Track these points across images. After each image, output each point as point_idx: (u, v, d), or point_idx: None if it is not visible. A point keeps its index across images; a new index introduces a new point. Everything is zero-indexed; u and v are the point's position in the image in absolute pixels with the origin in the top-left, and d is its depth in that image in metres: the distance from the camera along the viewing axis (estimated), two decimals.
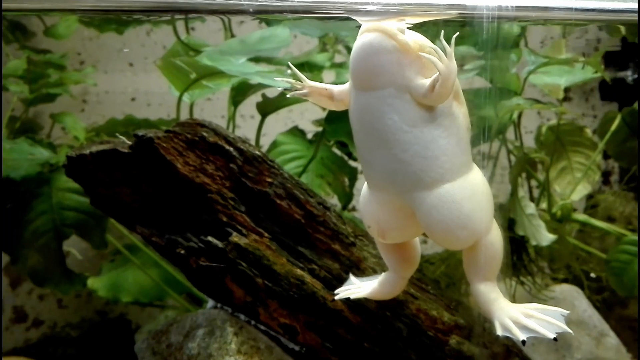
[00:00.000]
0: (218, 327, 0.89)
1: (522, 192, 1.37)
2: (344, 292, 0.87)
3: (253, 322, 0.92)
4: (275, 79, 0.75)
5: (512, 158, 1.47)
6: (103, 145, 0.94)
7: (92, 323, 1.69)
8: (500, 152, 1.38)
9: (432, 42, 0.69)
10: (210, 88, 1.24)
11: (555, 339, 0.71)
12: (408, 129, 0.68)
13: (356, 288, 0.87)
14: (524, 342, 0.71)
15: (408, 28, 0.68)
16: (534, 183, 1.56)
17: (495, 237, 0.73)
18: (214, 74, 1.13)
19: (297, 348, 0.92)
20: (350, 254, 0.94)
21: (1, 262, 1.55)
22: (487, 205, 0.72)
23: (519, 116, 1.46)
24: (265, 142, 1.47)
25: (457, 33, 0.65)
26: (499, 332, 0.72)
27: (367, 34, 0.67)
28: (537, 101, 1.23)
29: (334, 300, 0.87)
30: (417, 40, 0.68)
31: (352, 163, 1.46)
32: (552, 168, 1.52)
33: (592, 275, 1.41)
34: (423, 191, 0.70)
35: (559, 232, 1.34)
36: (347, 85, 0.73)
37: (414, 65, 0.67)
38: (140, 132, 0.91)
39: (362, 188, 0.77)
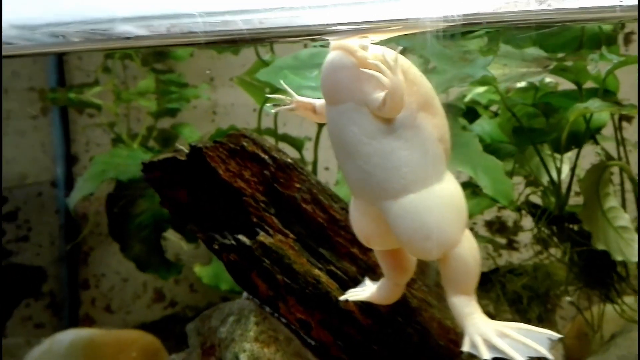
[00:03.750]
0: (244, 316, 0.98)
1: (615, 202, 1.24)
2: (350, 294, 0.90)
3: (276, 315, 1.00)
4: (267, 95, 0.81)
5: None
6: (170, 154, 1.09)
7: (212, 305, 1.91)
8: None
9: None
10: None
11: None
12: (367, 141, 0.70)
13: (361, 291, 0.90)
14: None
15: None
16: None
17: (465, 250, 0.71)
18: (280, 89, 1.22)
19: (313, 343, 0.97)
20: (367, 258, 0.96)
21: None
22: (455, 218, 0.71)
23: (620, 120, 1.32)
24: None
25: (400, 47, 0.66)
26: (465, 347, 0.71)
27: (332, 52, 0.71)
28: (617, 103, 1.11)
29: (339, 301, 0.91)
30: (379, 55, 0.69)
31: None
32: None
33: None
34: (389, 201, 0.71)
35: None
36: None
37: (373, 80, 0.69)
38: (194, 143, 1.04)
39: None
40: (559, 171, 1.21)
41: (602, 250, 1.18)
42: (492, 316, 1.11)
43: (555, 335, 0.72)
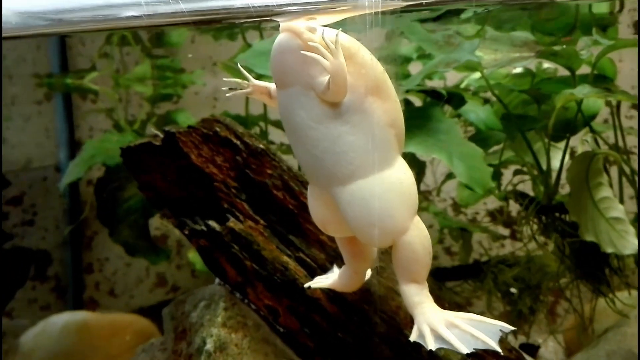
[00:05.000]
0: (214, 302, 0.99)
1: (608, 192, 1.20)
2: (315, 281, 0.90)
3: (246, 301, 1.01)
4: (224, 79, 0.82)
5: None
6: (146, 138, 1.10)
7: None
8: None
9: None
10: None
11: (469, 354, 0.67)
12: (314, 125, 0.70)
13: (325, 279, 0.89)
14: (431, 351, 0.68)
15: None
16: None
17: (414, 238, 0.71)
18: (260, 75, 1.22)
19: (281, 329, 0.98)
20: (336, 245, 0.96)
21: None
22: (403, 204, 0.70)
23: (618, 106, 1.28)
24: None
25: (340, 29, 0.65)
26: (413, 337, 0.70)
27: (280, 34, 0.71)
28: (608, 90, 1.07)
29: (307, 287, 0.91)
30: (328, 38, 0.68)
31: (421, 157, 1.43)
32: None
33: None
34: (338, 186, 0.71)
35: None
36: None
37: (319, 64, 0.68)
38: (167, 127, 1.05)
39: None
40: (548, 160, 1.18)
41: (593, 242, 1.15)
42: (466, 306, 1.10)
43: (508, 327, 0.70)
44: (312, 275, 0.95)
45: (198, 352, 0.94)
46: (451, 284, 1.55)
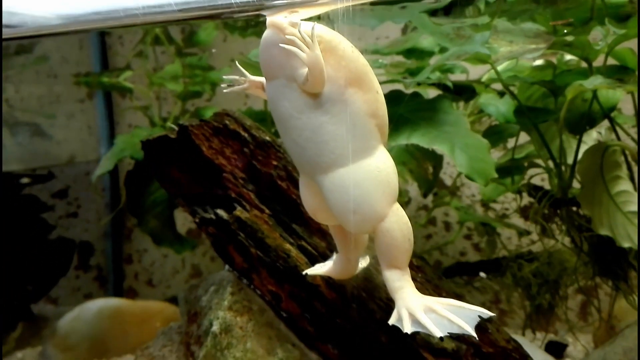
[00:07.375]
0: (223, 287, 1.04)
1: (627, 185, 1.19)
2: (313, 269, 0.94)
3: (252, 286, 1.05)
4: (223, 76, 0.87)
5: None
6: (163, 132, 1.17)
7: None
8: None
9: None
10: None
11: (441, 338, 0.69)
12: (297, 115, 0.74)
13: (322, 266, 0.93)
14: (406, 334, 0.71)
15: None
16: None
17: (392, 224, 0.73)
18: None
19: (284, 314, 1.02)
20: None
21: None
22: (380, 192, 0.73)
23: None
24: None
25: (315, 22, 0.68)
26: (392, 320, 0.73)
27: (267, 30, 0.75)
28: (620, 80, 1.06)
29: (305, 274, 0.95)
30: (305, 31, 0.72)
31: (439, 151, 1.44)
32: None
33: None
34: (321, 175, 0.75)
35: None
36: None
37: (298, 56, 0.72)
38: (181, 121, 1.11)
39: None
40: (561, 153, 1.17)
41: (609, 237, 1.13)
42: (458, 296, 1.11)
43: (487, 312, 0.72)
44: (312, 263, 0.98)
45: (205, 334, 1.00)
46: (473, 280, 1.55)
